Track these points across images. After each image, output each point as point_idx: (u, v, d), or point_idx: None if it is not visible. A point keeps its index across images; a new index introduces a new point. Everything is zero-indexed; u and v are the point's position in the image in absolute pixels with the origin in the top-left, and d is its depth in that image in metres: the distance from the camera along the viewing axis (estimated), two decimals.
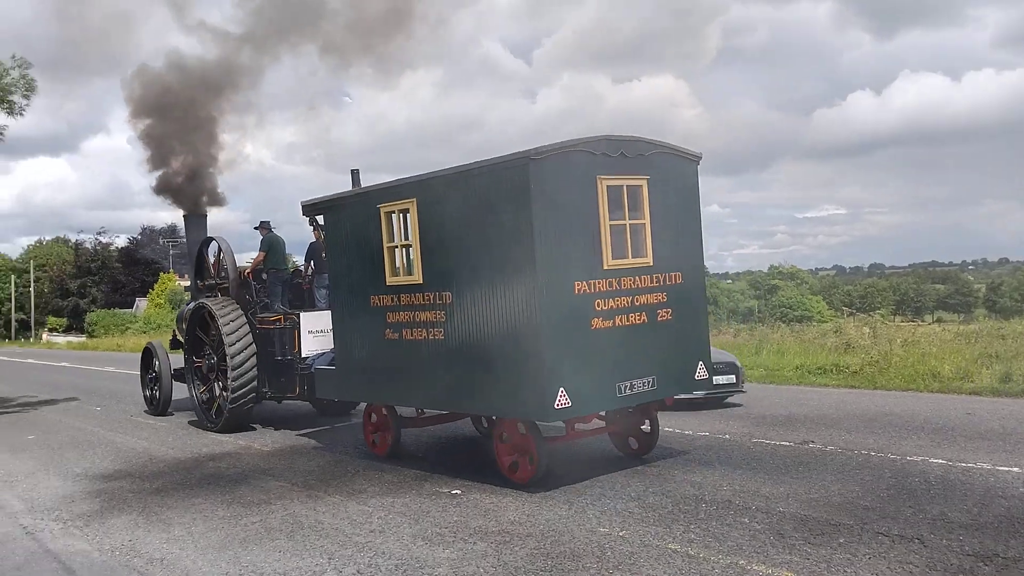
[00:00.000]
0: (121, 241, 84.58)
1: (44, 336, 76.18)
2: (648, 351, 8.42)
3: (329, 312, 11.00)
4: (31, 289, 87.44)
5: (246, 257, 14.52)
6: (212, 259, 14.54)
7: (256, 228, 14.10)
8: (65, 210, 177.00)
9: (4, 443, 12.95)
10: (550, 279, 7.67)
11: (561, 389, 7.62)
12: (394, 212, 9.15)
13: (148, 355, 15.81)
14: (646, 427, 9.41)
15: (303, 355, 12.24)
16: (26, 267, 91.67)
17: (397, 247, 9.22)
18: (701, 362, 9.04)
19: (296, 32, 18.53)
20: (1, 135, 15.55)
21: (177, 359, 15.09)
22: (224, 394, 12.81)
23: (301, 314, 12.53)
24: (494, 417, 9.23)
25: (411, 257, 9.09)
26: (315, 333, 12.20)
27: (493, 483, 8.40)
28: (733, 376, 12.86)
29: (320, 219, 10.62)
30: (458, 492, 8.18)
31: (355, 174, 11.37)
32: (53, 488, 9.40)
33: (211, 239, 14.78)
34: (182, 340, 14.72)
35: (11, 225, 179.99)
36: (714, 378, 9.85)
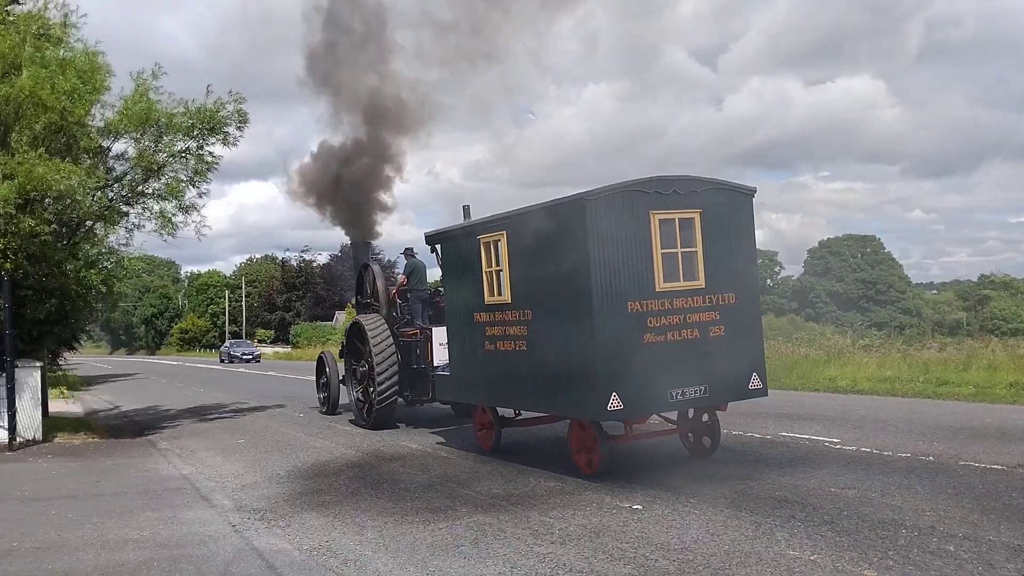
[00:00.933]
0: (323, 259, 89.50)
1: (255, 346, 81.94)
2: (700, 363, 9.27)
3: None
4: (243, 303, 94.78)
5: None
6: (376, 280, 16.35)
7: (402, 254, 16.32)
8: (273, 230, 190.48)
9: (217, 446, 14.07)
10: (604, 299, 8.80)
11: (614, 393, 8.74)
12: (490, 242, 10.59)
13: (321, 363, 18.19)
14: (708, 431, 10.33)
15: (435, 364, 13.80)
16: (239, 283, 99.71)
17: (493, 271, 10.63)
18: (755, 373, 9.77)
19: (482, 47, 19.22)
20: (217, 164, 16.85)
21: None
22: (372, 396, 14.68)
23: (433, 328, 14.12)
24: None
25: (502, 280, 10.47)
26: (444, 345, 13.28)
27: (675, 499, 8.26)
28: None
29: (439, 248, 12.14)
30: (639, 507, 8.09)
31: (466, 209, 12.87)
32: (259, 489, 10.10)
33: (367, 264, 16.92)
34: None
35: (226, 244, 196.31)
36: None
